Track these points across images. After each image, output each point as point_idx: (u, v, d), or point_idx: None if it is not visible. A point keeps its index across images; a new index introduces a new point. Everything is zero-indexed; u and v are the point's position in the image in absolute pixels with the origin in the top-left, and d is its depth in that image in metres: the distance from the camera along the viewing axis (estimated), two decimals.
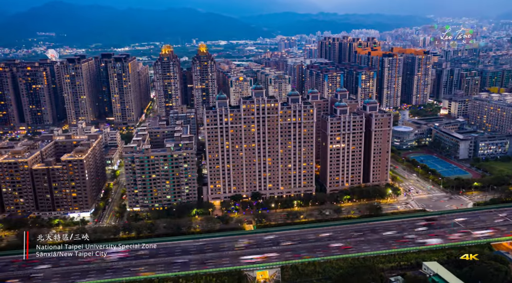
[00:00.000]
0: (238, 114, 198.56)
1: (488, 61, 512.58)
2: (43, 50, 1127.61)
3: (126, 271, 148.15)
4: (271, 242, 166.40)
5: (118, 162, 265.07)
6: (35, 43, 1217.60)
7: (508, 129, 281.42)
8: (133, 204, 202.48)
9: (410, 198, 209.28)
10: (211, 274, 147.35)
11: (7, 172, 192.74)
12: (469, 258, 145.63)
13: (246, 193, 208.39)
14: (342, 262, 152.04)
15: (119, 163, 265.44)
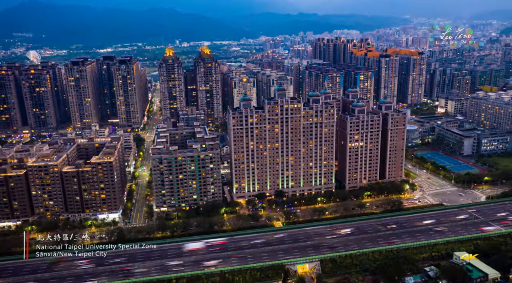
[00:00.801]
0: (262, 115, 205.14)
1: (474, 61, 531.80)
2: (22, 51, 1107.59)
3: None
4: (305, 237, 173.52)
5: (133, 164, 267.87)
6: (12, 44, 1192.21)
7: (506, 126, 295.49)
8: (160, 204, 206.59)
9: (425, 193, 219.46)
10: (255, 268, 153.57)
11: (37, 175, 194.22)
12: (469, 258, 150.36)
13: (269, 191, 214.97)
14: (377, 255, 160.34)
15: (134, 165, 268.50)
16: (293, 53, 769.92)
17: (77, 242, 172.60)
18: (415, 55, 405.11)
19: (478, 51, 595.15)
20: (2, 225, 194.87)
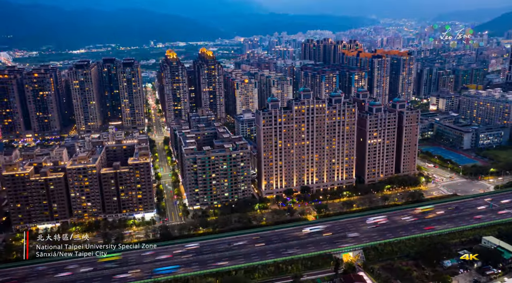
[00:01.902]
0: (290, 115, 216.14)
1: (453, 60, 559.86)
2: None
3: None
4: (341, 229, 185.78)
5: (151, 165, 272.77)
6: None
7: (497, 121, 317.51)
8: (193, 202, 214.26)
9: (438, 185, 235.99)
10: (305, 258, 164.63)
11: (76, 178, 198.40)
12: (469, 258, 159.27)
13: (295, 187, 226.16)
14: (413, 242, 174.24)
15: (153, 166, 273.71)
16: (275, 54, 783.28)
17: (124, 242, 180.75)
18: (405, 55, 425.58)
19: (454, 51, 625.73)
20: (42, 227, 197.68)
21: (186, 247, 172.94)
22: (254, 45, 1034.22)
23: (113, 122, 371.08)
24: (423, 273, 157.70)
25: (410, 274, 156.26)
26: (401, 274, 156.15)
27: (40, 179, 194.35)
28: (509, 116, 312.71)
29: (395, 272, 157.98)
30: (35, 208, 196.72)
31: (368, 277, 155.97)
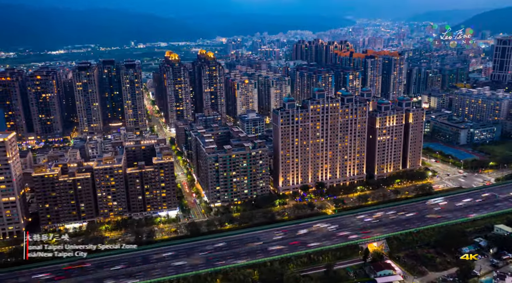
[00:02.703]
0: (306, 114, 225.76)
1: (437, 60, 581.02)
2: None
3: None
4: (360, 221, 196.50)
5: None
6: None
7: (488, 118, 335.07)
8: (214, 199, 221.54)
9: (442, 179, 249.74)
10: (334, 249, 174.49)
11: (103, 178, 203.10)
12: (469, 258, 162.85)
13: (310, 183, 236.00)
14: (431, 231, 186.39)
15: None
16: (261, 54, 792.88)
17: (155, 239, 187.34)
18: (396, 56, 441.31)
19: (437, 51, 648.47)
20: (70, 226, 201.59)
21: (219, 241, 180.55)
22: (238, 45, 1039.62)
23: (114, 124, 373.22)
24: (445, 260, 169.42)
25: (434, 260, 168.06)
26: (425, 261, 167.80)
27: (69, 180, 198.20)
28: (499, 112, 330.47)
29: (419, 259, 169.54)
30: (63, 208, 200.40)
31: (395, 264, 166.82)
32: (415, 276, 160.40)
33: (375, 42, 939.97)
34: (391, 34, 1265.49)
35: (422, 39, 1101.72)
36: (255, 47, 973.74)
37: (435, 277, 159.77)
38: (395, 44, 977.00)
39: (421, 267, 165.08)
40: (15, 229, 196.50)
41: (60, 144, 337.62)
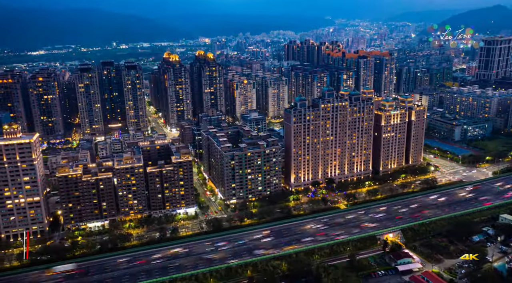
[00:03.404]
0: (317, 113, 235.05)
1: (422, 60, 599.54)
2: None
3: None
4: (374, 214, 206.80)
5: None
6: None
7: (479, 115, 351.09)
8: (230, 197, 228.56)
9: (443, 173, 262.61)
10: (354, 240, 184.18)
11: (124, 177, 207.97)
12: (469, 257, 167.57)
13: (320, 179, 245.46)
14: (441, 222, 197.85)
15: None
16: (249, 55, 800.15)
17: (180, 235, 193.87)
18: (387, 56, 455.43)
19: (421, 51, 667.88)
20: (92, 225, 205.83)
21: (243, 236, 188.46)
22: (222, 45, 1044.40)
23: (113, 125, 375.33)
24: (457, 248, 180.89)
25: (448, 248, 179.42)
26: (440, 249, 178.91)
27: (91, 179, 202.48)
28: (489, 110, 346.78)
29: (434, 248, 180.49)
30: (86, 207, 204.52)
31: (412, 253, 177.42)
32: (433, 263, 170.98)
33: (358, 42, 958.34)
34: (371, 34, 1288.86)
35: (402, 39, 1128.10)
36: (240, 47, 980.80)
37: (451, 263, 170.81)
38: (377, 44, 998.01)
39: (437, 255, 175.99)
40: (39, 228, 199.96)
41: (63, 145, 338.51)
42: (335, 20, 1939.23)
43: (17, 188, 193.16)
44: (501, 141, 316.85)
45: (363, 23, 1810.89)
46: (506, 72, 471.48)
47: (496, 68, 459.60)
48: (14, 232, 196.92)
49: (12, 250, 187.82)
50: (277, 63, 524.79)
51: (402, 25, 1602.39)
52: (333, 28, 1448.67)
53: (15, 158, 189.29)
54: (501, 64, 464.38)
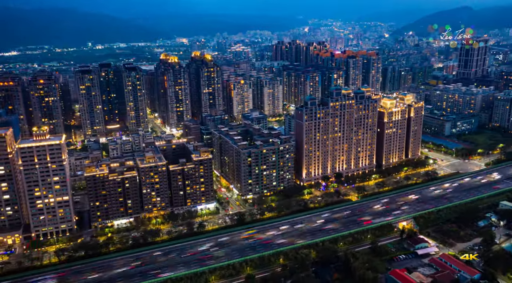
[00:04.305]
0: (327, 111, 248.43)
1: (403, 59, 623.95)
2: None
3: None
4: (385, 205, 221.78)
5: None
6: None
7: (464, 111, 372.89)
8: (247, 192, 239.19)
9: (440, 166, 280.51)
10: (372, 228, 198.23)
11: (148, 175, 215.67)
12: (469, 257, 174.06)
13: (329, 174, 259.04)
14: (448, 210, 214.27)
15: None
16: (231, 55, 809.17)
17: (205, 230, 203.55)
18: (374, 55, 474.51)
19: (401, 51, 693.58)
20: (118, 222, 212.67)
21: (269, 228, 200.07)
22: (202, 46, 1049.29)
23: (111, 126, 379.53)
24: (466, 232, 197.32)
25: (458, 233, 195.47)
26: (451, 234, 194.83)
27: (118, 178, 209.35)
28: (474, 106, 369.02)
29: (445, 234, 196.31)
30: (112, 205, 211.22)
31: (427, 238, 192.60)
32: (447, 247, 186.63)
33: (337, 42, 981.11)
34: (345, 34, 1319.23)
35: (378, 39, 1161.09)
36: (221, 48, 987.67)
37: (464, 247, 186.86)
38: (354, 44, 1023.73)
39: (449, 240, 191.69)
40: (67, 227, 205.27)
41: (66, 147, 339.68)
42: (308, 20, 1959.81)
43: (47, 188, 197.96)
44: (487, 135, 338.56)
45: (335, 23, 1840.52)
46: (483, 70, 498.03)
47: (475, 67, 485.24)
48: (44, 231, 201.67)
49: (44, 248, 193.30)
50: (267, 63, 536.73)
51: (374, 25, 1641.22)
52: (307, 28, 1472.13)
53: (46, 159, 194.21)
54: (479, 63, 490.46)
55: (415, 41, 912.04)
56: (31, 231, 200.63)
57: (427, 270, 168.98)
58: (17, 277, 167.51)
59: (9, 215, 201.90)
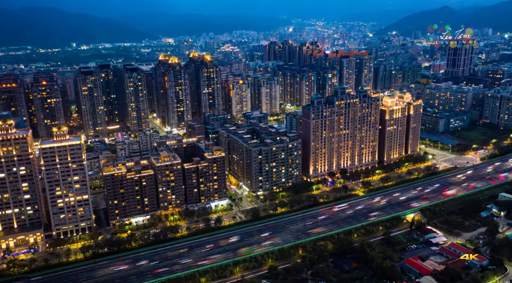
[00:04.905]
0: (333, 109, 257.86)
1: (391, 58, 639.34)
2: None
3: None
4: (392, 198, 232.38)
5: None
6: None
7: (456, 109, 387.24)
8: (257, 188, 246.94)
9: (438, 161, 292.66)
10: (383, 220, 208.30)
11: (164, 174, 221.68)
12: (469, 257, 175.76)
13: (335, 170, 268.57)
14: (451, 202, 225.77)
15: None
16: (221, 55, 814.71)
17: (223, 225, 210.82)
18: (366, 55, 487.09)
19: (389, 50, 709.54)
20: (135, 220, 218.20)
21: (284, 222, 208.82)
22: (189, 46, 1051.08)
23: (111, 126, 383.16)
24: (471, 223, 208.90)
25: (463, 224, 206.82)
26: (457, 225, 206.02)
27: (135, 177, 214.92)
28: (465, 103, 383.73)
29: (451, 224, 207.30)
30: (130, 203, 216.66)
31: (435, 229, 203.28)
32: (454, 236, 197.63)
33: (324, 42, 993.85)
34: (329, 33, 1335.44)
35: (362, 39, 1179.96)
36: (209, 48, 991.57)
37: (470, 236, 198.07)
38: (340, 44, 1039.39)
39: (455, 230, 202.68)
40: (86, 225, 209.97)
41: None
42: (291, 20, 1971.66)
43: (68, 188, 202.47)
44: (479, 131, 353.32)
45: (319, 22, 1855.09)
46: (470, 69, 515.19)
47: (462, 66, 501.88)
48: (64, 229, 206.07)
49: (67, 245, 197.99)
50: (262, 63, 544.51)
51: (357, 24, 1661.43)
52: (292, 28, 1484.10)
53: (67, 159, 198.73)
54: (467, 62, 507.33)
55: (400, 41, 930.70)
56: (51, 229, 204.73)
57: (438, 258, 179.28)
58: (49, 273, 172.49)
59: (29, 215, 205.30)
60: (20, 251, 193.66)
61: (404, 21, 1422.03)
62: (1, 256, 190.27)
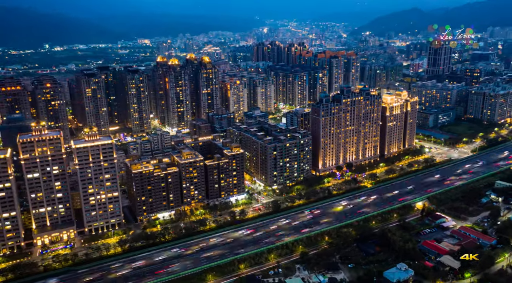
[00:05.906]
0: (340, 107, 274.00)
1: (372, 58, 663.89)
2: None
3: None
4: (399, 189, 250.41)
5: None
6: None
7: (441, 105, 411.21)
8: (272, 183, 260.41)
9: (433, 154, 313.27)
10: (393, 209, 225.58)
11: (187, 170, 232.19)
12: (469, 257, 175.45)
13: (341, 164, 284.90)
14: (454, 190, 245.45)
15: None
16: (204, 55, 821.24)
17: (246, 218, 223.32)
18: (353, 55, 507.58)
19: (368, 51, 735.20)
20: (161, 215, 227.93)
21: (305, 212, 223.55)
22: (169, 46, 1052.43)
23: (112, 127, 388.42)
24: (474, 208, 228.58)
25: (467, 209, 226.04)
26: (462, 210, 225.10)
27: (161, 174, 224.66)
28: (450, 100, 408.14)
29: (457, 210, 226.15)
30: (156, 199, 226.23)
31: (444, 215, 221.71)
32: (462, 221, 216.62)
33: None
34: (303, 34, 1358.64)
35: (338, 39, 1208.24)
36: (188, 49, 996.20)
37: (475, 220, 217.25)
38: (318, 44, 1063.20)
39: (462, 215, 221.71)
40: (116, 221, 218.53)
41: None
42: (265, 21, 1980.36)
43: (99, 185, 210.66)
44: (465, 126, 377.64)
45: (291, 23, 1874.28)
46: (449, 68, 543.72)
47: (442, 65, 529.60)
48: (95, 225, 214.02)
49: (101, 241, 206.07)
50: (253, 64, 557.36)
51: (330, 25, 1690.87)
52: (266, 28, 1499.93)
53: (99, 158, 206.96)
54: (446, 61, 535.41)
55: (375, 41, 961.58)
56: (83, 226, 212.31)
57: (451, 240, 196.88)
58: (92, 266, 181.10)
59: (61, 212, 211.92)
60: (57, 247, 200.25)
61: (376, 22, 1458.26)
62: (40, 252, 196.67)
